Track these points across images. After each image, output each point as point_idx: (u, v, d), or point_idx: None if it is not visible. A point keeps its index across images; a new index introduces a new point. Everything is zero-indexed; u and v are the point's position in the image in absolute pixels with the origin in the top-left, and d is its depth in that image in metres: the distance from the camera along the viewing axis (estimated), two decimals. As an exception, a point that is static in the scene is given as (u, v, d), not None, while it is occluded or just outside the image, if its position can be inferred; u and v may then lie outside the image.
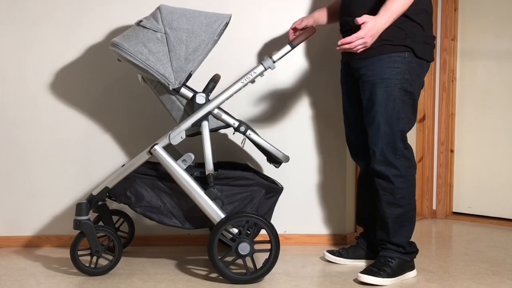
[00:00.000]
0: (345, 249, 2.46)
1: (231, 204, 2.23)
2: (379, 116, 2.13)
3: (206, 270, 2.33)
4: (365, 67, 2.15)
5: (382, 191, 2.19)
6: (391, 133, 2.14)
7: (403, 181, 2.17)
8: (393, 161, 2.15)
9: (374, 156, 2.17)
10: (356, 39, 1.98)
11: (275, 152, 2.27)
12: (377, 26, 1.99)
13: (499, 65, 3.32)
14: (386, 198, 2.18)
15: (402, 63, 2.11)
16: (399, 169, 2.15)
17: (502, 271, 2.33)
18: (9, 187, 2.68)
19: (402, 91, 2.12)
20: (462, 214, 3.49)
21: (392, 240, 2.21)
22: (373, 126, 2.16)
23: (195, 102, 2.20)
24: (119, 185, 2.24)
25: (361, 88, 2.20)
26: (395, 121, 2.13)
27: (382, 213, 2.21)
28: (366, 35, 1.97)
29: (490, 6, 3.34)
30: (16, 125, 2.67)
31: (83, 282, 2.15)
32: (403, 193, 2.17)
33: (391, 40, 2.09)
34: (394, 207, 2.18)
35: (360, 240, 2.47)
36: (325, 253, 2.48)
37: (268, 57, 2.24)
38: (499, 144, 3.33)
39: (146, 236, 2.71)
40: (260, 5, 2.70)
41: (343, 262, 2.43)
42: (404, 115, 2.15)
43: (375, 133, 2.15)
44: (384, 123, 2.13)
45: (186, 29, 2.12)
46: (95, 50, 2.67)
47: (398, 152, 2.15)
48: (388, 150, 2.14)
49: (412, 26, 2.11)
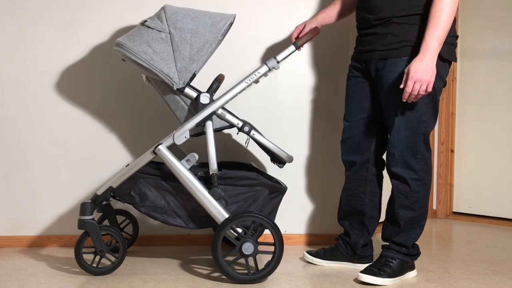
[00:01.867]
0: (324, 250, 2.45)
1: (235, 204, 2.23)
2: (400, 119, 2.10)
3: (207, 270, 2.33)
4: (387, 68, 2.11)
5: (398, 193, 2.17)
6: (412, 137, 2.10)
7: (420, 184, 2.15)
8: (412, 164, 2.12)
9: (393, 159, 2.14)
10: (411, 87, 1.96)
11: (279, 152, 2.27)
12: (423, 64, 1.95)
13: (499, 65, 3.33)
14: (400, 201, 2.17)
15: None
16: (417, 172, 2.13)
17: (502, 271, 2.34)
18: (10, 187, 2.68)
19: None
20: (462, 214, 3.51)
21: (397, 240, 2.20)
22: (393, 129, 2.12)
23: (199, 102, 2.20)
24: (123, 184, 2.24)
25: (380, 88, 2.16)
26: (417, 124, 2.10)
27: (394, 215, 2.19)
28: (417, 78, 1.95)
29: (490, 6, 3.35)
30: (19, 125, 2.67)
31: (84, 282, 2.15)
32: (418, 197, 2.16)
33: (415, 41, 2.04)
34: (408, 210, 2.17)
35: (339, 241, 2.43)
36: (305, 253, 2.47)
37: (272, 58, 2.24)
38: (499, 144, 3.34)
39: (148, 236, 2.72)
40: (264, 5, 2.70)
41: (319, 263, 2.42)
42: (427, 118, 2.11)
43: (395, 137, 2.12)
44: (405, 127, 2.10)
45: (190, 29, 2.12)
46: (97, 50, 2.67)
47: (419, 156, 2.12)
48: (408, 153, 2.12)
49: None
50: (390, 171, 2.18)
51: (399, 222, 2.19)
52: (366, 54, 2.19)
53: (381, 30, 2.10)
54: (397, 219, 2.19)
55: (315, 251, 2.47)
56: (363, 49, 2.20)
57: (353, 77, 2.31)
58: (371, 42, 2.15)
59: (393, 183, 2.19)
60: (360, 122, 2.30)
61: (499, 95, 3.33)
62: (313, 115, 2.75)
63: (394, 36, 2.07)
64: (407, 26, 2.05)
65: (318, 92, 2.74)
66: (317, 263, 2.43)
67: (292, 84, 2.73)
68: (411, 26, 2.05)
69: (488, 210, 3.40)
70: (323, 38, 2.65)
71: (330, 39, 2.66)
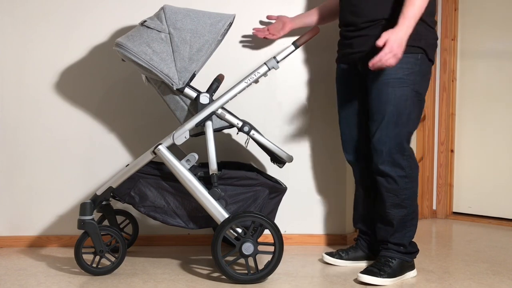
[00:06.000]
0: (345, 251, 2.45)
1: (234, 204, 2.23)
2: (390, 117, 2.12)
3: (207, 270, 2.33)
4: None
5: (386, 192, 2.18)
6: (400, 134, 2.13)
7: (408, 181, 2.17)
8: (400, 161, 2.15)
9: (380, 156, 2.15)
10: (384, 55, 1.98)
11: (278, 152, 2.28)
12: (400, 35, 1.99)
13: (499, 65, 3.33)
14: (390, 200, 2.18)
15: (415, 64, 2.11)
16: (405, 169, 2.15)
17: (502, 271, 2.34)
18: (10, 187, 2.68)
19: (413, 91, 2.12)
20: (462, 214, 3.50)
21: (394, 240, 2.21)
22: (382, 126, 2.14)
23: (199, 102, 2.20)
24: (123, 185, 2.24)
25: (370, 87, 2.18)
26: (405, 122, 2.13)
27: (385, 215, 2.21)
28: (392, 48, 1.98)
29: (490, 6, 3.35)
30: (19, 125, 2.67)
31: (84, 282, 2.15)
32: (407, 194, 2.17)
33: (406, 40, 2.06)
34: (399, 208, 2.18)
35: (360, 241, 2.46)
36: (324, 255, 2.46)
37: (272, 57, 2.24)
38: (499, 144, 3.34)
39: (148, 236, 2.72)
40: (264, 5, 2.70)
41: (343, 264, 2.42)
42: (414, 116, 2.15)
43: (384, 133, 2.14)
44: (394, 123, 2.12)
45: (190, 29, 2.12)
46: (96, 50, 2.67)
47: (406, 153, 2.15)
48: (396, 150, 2.14)
49: (425, 28, 2.11)
50: (377, 168, 2.18)
51: (391, 221, 2.20)
52: (356, 55, 2.22)
53: (371, 31, 2.12)
54: (389, 219, 2.20)
55: (336, 252, 2.45)
56: (352, 51, 2.22)
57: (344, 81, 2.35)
58: (361, 44, 2.16)
59: (380, 181, 2.19)
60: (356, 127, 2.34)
61: (499, 95, 3.33)
62: (313, 115, 2.75)
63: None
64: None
65: (318, 92, 2.74)
66: (340, 265, 2.42)
67: (291, 84, 2.73)
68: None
69: (488, 210, 3.40)
70: (324, 38, 2.65)
71: (331, 39, 2.66)
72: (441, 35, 3.46)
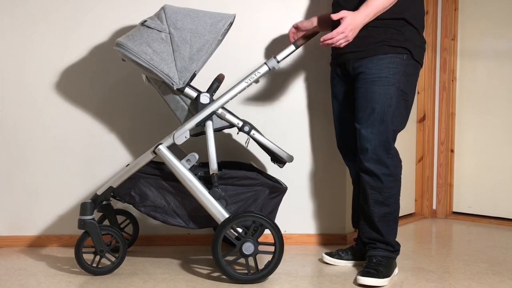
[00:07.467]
0: (344, 251, 2.45)
1: (235, 204, 2.23)
2: (375, 114, 2.15)
3: (207, 270, 2.34)
4: (363, 66, 2.17)
5: (370, 189, 2.20)
6: (385, 132, 2.16)
7: (392, 180, 2.19)
8: (385, 160, 2.17)
9: (366, 154, 2.17)
10: (337, 35, 2.04)
11: (279, 152, 2.28)
12: (356, 21, 2.04)
13: (499, 65, 3.34)
14: (374, 197, 2.20)
15: (400, 64, 2.14)
16: (389, 167, 2.18)
17: (502, 271, 2.34)
18: (10, 187, 2.68)
19: (399, 90, 2.15)
20: (462, 214, 3.51)
21: (385, 239, 2.23)
22: (367, 124, 2.16)
23: (199, 102, 2.20)
24: (123, 184, 2.24)
25: (357, 86, 2.21)
26: (390, 120, 2.15)
27: (368, 212, 2.23)
28: (346, 29, 2.03)
29: (490, 6, 3.35)
30: (19, 125, 2.67)
31: (84, 282, 2.15)
32: (391, 192, 2.20)
33: (391, 41, 2.13)
34: (381, 206, 2.20)
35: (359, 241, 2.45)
36: (324, 255, 2.46)
37: (272, 57, 2.24)
38: (499, 144, 3.35)
39: (149, 236, 2.72)
40: (263, 5, 2.70)
41: (343, 264, 2.42)
42: (399, 114, 2.18)
43: (369, 131, 2.16)
44: (380, 121, 2.15)
45: (190, 29, 2.12)
46: (97, 50, 2.67)
47: (391, 151, 2.18)
48: (381, 148, 2.16)
49: (410, 30, 2.15)
50: (362, 166, 2.20)
51: (373, 218, 2.22)
52: (344, 56, 2.24)
53: (359, 33, 2.13)
54: (371, 216, 2.22)
55: (336, 252, 2.46)
56: (341, 52, 2.24)
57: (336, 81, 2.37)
58: (349, 45, 2.17)
59: (364, 178, 2.21)
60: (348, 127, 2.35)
61: (499, 95, 3.34)
62: (313, 114, 2.75)
63: (371, 37, 2.15)
64: (383, 29, 2.14)
65: (318, 92, 2.74)
66: (340, 265, 2.42)
67: (292, 84, 2.73)
68: (386, 29, 2.13)
69: (488, 210, 3.40)
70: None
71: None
72: (441, 35, 3.46)
